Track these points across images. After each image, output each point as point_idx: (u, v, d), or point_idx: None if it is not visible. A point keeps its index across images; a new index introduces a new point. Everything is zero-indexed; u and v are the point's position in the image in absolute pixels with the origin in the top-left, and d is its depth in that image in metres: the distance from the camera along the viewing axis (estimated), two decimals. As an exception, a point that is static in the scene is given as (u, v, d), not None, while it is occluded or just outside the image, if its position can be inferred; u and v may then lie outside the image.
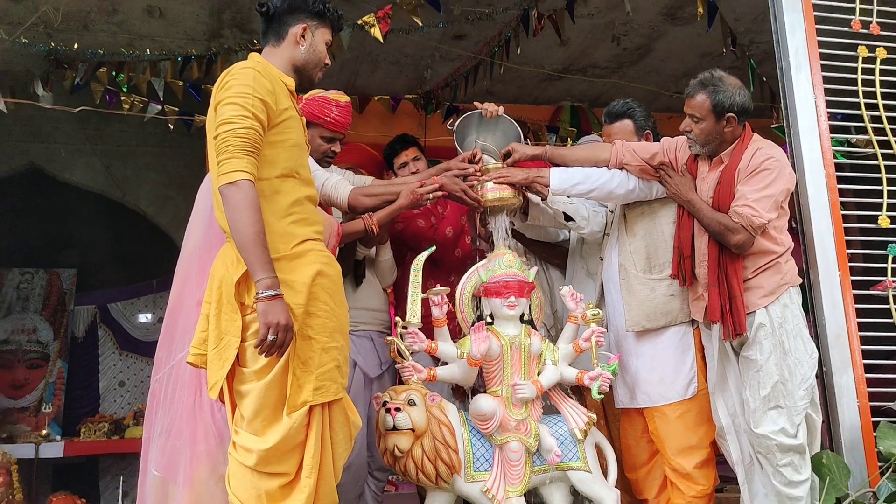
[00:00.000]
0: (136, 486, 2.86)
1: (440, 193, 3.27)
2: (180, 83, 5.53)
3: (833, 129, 3.46)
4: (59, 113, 5.44)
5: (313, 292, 2.44)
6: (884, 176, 3.45)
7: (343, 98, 3.34)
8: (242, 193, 2.32)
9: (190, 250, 2.92)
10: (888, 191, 3.44)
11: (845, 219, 3.36)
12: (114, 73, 5.46)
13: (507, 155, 3.44)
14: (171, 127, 5.63)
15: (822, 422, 3.21)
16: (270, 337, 2.26)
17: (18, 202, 7.40)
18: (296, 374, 2.38)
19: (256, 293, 2.28)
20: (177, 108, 5.56)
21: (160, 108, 5.50)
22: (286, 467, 2.38)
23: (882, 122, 3.49)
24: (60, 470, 6.90)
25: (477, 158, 3.39)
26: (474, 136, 3.54)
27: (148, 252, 7.63)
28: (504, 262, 3.17)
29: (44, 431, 6.78)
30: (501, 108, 3.53)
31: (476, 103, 3.56)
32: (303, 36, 2.66)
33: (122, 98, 5.47)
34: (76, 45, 5.29)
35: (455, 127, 3.57)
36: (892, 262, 3.37)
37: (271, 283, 2.28)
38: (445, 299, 3.09)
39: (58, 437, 6.71)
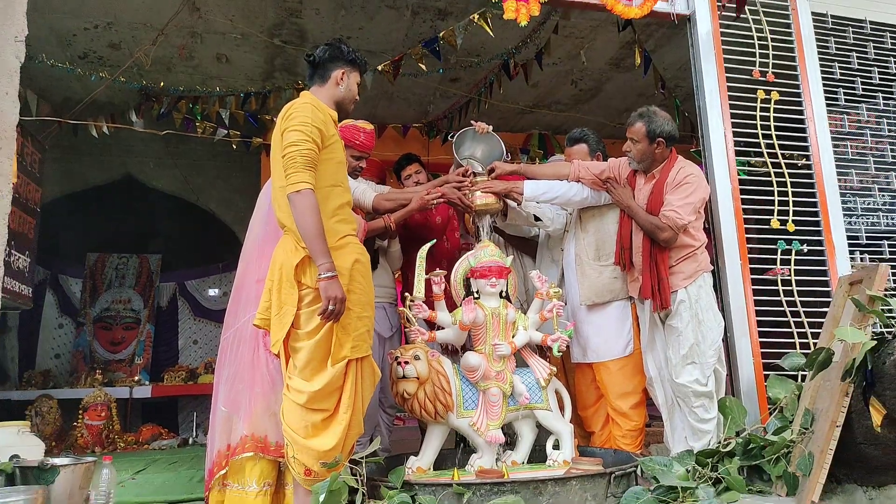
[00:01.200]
0: (207, 419, 2.87)
1: (442, 200, 3.31)
2: (242, 113, 5.52)
3: (737, 153, 3.48)
4: (149, 135, 5.42)
5: (352, 275, 2.51)
6: (775, 189, 3.47)
7: (368, 126, 3.35)
8: (307, 199, 2.37)
9: (252, 241, 2.92)
10: (778, 200, 3.46)
11: (745, 221, 3.38)
12: (190, 105, 5.44)
13: (492, 170, 3.46)
14: (234, 147, 5.62)
15: (727, 374, 3.23)
16: (330, 307, 2.33)
17: (117, 203, 7.38)
18: (338, 336, 2.44)
19: (319, 274, 2.35)
20: (238, 133, 5.54)
21: (226, 132, 5.48)
22: (328, 405, 2.43)
23: (774, 148, 3.50)
24: (148, 407, 6.91)
25: (469, 173, 3.41)
26: (468, 146, 3.57)
27: (216, 242, 7.62)
28: (488, 252, 3.18)
29: (136, 378, 6.78)
30: (490, 127, 3.55)
31: (472, 121, 3.58)
32: (341, 79, 2.67)
33: (197, 124, 5.45)
34: (161, 84, 5.28)
35: (454, 139, 3.61)
36: (780, 255, 3.40)
37: (330, 267, 2.36)
38: (443, 280, 3.11)
39: (146, 382, 6.71)
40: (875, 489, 2.63)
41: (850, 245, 3.49)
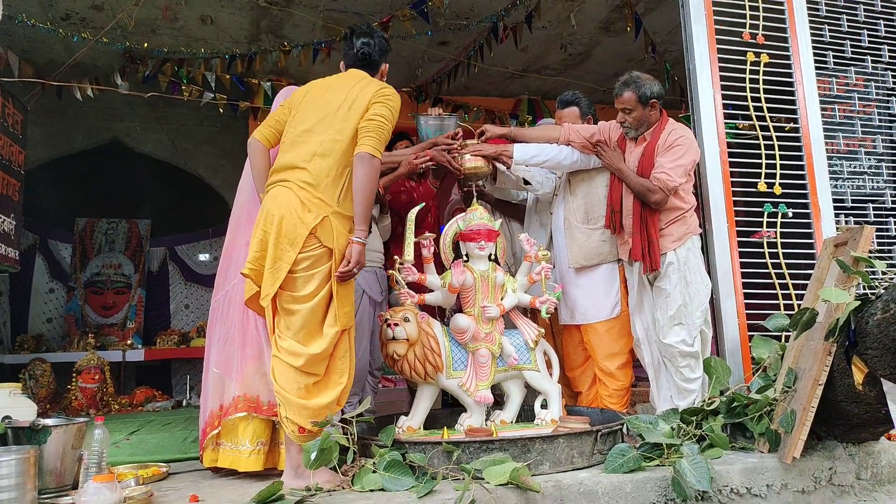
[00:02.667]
0: (200, 382, 2.86)
1: (431, 163, 3.26)
2: (227, 76, 5.39)
3: (726, 117, 3.43)
4: (134, 98, 5.30)
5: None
6: (762, 152, 3.43)
7: None
8: (377, 167, 2.49)
9: (240, 205, 2.87)
10: (765, 163, 3.43)
11: (733, 184, 3.36)
12: (176, 68, 5.32)
13: (482, 133, 3.40)
14: (221, 111, 5.52)
15: (712, 336, 3.25)
16: (354, 270, 2.42)
17: (104, 168, 7.26)
18: (340, 303, 2.44)
19: (354, 237, 2.41)
20: (225, 96, 5.43)
21: (212, 95, 5.37)
22: (319, 370, 2.42)
23: (763, 112, 3.46)
24: (142, 370, 6.90)
25: (458, 136, 3.35)
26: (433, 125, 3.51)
27: (205, 207, 7.53)
28: (477, 215, 3.14)
29: (129, 341, 6.76)
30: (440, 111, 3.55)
31: (430, 109, 3.55)
32: (385, 72, 2.81)
33: (183, 87, 5.33)
34: (146, 45, 5.14)
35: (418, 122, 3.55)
36: (766, 218, 3.38)
37: (367, 233, 2.45)
38: (432, 243, 3.07)
39: (139, 346, 6.68)
40: (855, 445, 2.67)
41: (836, 208, 3.48)
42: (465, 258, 3.09)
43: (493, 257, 3.13)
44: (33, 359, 5.81)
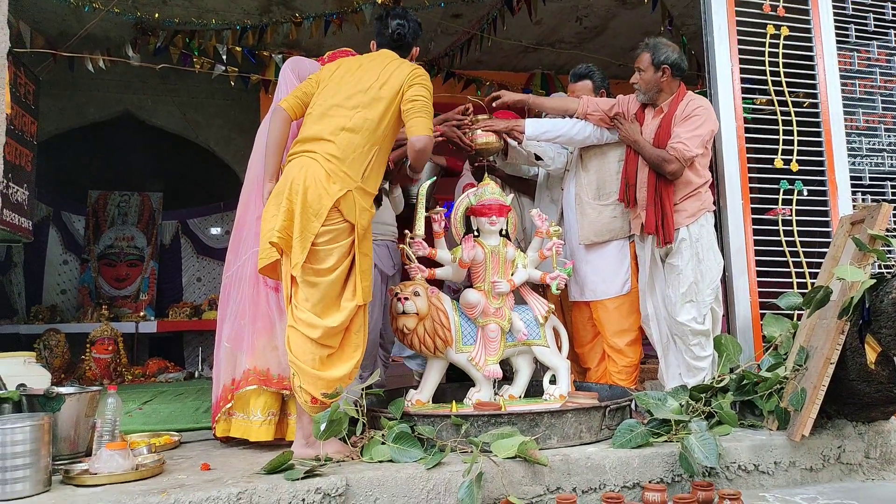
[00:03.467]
0: (212, 354, 2.89)
1: (441, 139, 3.22)
2: (239, 49, 5.35)
3: (744, 91, 3.37)
4: (146, 70, 5.29)
5: (368, 228, 2.57)
6: (780, 128, 3.38)
7: None
8: (430, 145, 2.60)
9: (250, 181, 2.87)
10: (783, 139, 3.37)
11: (749, 160, 3.31)
12: (187, 40, 5.28)
13: (497, 98, 3.37)
14: (233, 84, 5.48)
15: (723, 315, 3.23)
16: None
17: (116, 140, 7.27)
18: (360, 277, 2.47)
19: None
20: (236, 69, 5.39)
21: (224, 68, 5.34)
22: (335, 342, 2.43)
23: (782, 86, 3.40)
24: (154, 342, 6.99)
25: (469, 111, 3.31)
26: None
27: (216, 180, 7.55)
28: (489, 190, 3.11)
29: (141, 313, 6.83)
30: None
31: None
32: (416, 55, 2.84)
33: (194, 60, 5.30)
34: (157, 16, 5.10)
35: None
36: (782, 195, 3.34)
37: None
38: (443, 217, 3.06)
39: (152, 318, 6.75)
40: (865, 424, 2.66)
41: (853, 186, 3.42)
42: (475, 233, 3.08)
43: (504, 232, 3.11)
44: (48, 329, 5.88)
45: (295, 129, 2.68)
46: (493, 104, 3.34)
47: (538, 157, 3.48)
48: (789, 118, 3.37)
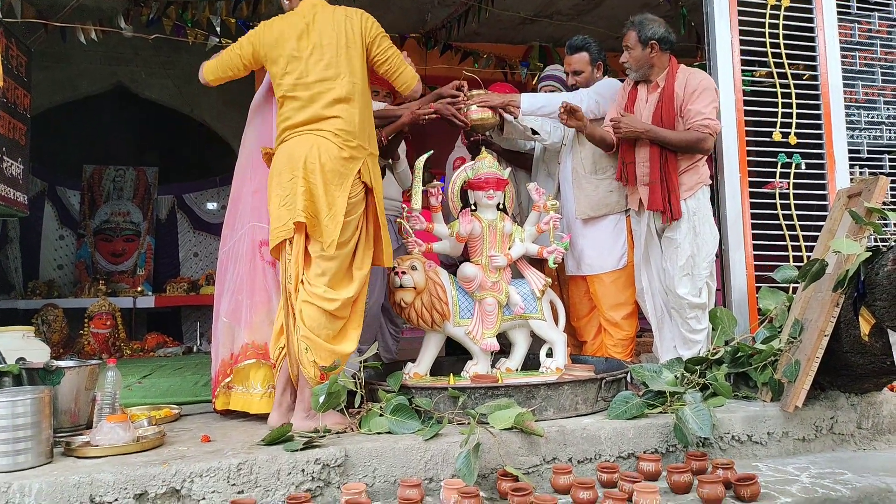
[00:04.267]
0: (209, 329, 2.90)
1: (435, 115, 3.17)
2: (233, 20, 5.27)
3: (743, 63, 3.35)
4: (139, 41, 5.20)
5: (379, 192, 2.61)
6: (779, 101, 3.36)
7: None
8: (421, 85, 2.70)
9: (246, 153, 2.85)
10: (781, 112, 3.36)
11: (747, 133, 3.30)
12: (180, 11, 5.19)
13: (488, 83, 3.34)
14: (227, 56, 5.40)
15: (719, 289, 3.24)
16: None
17: (110, 114, 7.20)
18: (388, 243, 2.59)
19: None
20: (231, 41, 5.31)
21: (218, 40, 5.25)
22: (346, 313, 2.48)
23: (781, 58, 3.37)
24: (152, 317, 7.01)
25: (464, 87, 3.27)
26: None
27: (211, 154, 7.49)
28: (486, 164, 3.10)
29: (139, 288, 6.83)
30: None
31: None
32: None
33: (188, 31, 5.22)
34: (149, -15, 5.02)
35: None
36: (780, 168, 3.33)
37: None
38: (440, 191, 3.06)
39: (149, 293, 6.75)
40: (857, 395, 2.69)
41: (851, 159, 3.42)
42: (473, 207, 3.07)
43: (501, 206, 3.11)
44: (45, 304, 5.89)
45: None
46: (485, 91, 3.30)
47: (534, 132, 3.46)
48: (788, 91, 3.35)
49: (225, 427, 2.57)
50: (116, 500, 1.90)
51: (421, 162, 3.05)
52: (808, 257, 2.87)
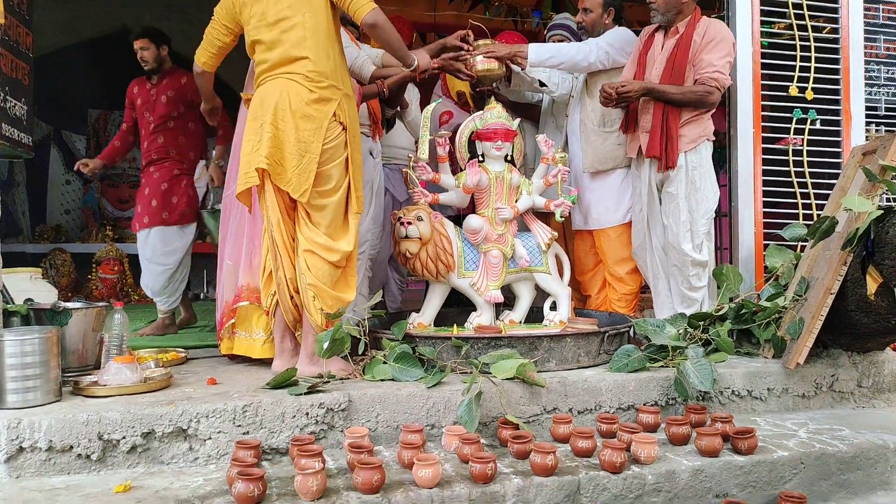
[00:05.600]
0: (216, 277, 2.91)
1: (437, 70, 3.07)
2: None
3: (762, 15, 3.25)
4: (142, -17, 5.09)
5: (355, 135, 2.50)
6: (798, 54, 3.27)
7: None
8: (383, 17, 2.42)
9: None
10: (799, 66, 3.27)
11: (763, 87, 3.22)
12: (185, -49, 5.06)
13: (498, 32, 3.24)
14: None
15: (725, 248, 3.22)
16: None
17: (115, 58, 7.07)
18: (355, 192, 2.48)
19: (413, 66, 2.64)
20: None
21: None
22: (344, 262, 2.47)
23: (802, 10, 3.27)
24: (159, 263, 7.02)
25: (469, 38, 3.17)
26: None
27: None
28: (495, 114, 3.06)
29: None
30: None
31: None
32: None
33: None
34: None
35: None
36: (795, 124, 3.27)
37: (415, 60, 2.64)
38: (447, 141, 3.02)
39: (157, 240, 6.75)
40: (860, 354, 2.70)
41: (868, 116, 3.35)
42: (480, 158, 3.04)
43: (509, 158, 3.08)
44: (53, 248, 5.92)
45: None
46: (492, 41, 3.19)
47: (542, 84, 3.39)
48: (808, 44, 3.26)
49: (230, 371, 2.60)
50: (124, 437, 1.94)
51: (429, 111, 3.00)
52: (819, 216, 2.83)
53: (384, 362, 2.41)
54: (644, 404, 2.41)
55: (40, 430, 1.88)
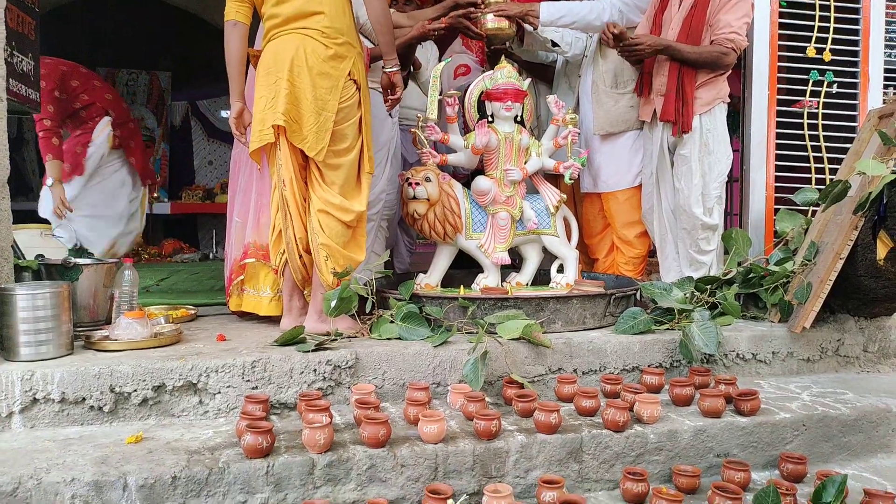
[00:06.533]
0: (225, 237, 2.92)
1: (444, 30, 3.01)
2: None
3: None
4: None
5: (366, 93, 2.48)
6: (816, 13, 3.19)
7: None
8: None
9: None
10: (818, 26, 3.19)
11: (779, 48, 3.15)
12: None
13: None
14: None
15: (735, 214, 3.19)
16: (397, 96, 2.50)
17: (122, 16, 7.01)
18: (367, 151, 2.46)
19: (389, 68, 2.47)
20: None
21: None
22: (356, 222, 2.46)
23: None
24: (169, 224, 7.08)
25: None
26: None
27: (224, 60, 7.33)
28: (505, 73, 3.01)
29: (155, 195, 6.86)
30: None
31: None
32: None
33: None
34: None
35: None
36: (811, 86, 3.20)
37: (397, 62, 2.47)
38: (456, 101, 2.98)
39: (165, 199, 6.80)
40: (867, 319, 2.70)
41: (887, 79, 3.28)
42: (490, 119, 3.01)
43: (519, 119, 3.04)
44: (64, 207, 5.93)
45: None
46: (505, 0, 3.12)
47: (555, 44, 3.33)
48: (827, 3, 3.17)
49: (240, 328, 2.64)
50: (135, 390, 1.98)
51: (438, 70, 2.96)
52: (831, 181, 2.80)
53: (391, 321, 2.43)
54: (648, 366, 2.43)
55: (53, 382, 1.92)
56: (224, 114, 7.50)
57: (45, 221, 5.44)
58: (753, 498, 1.67)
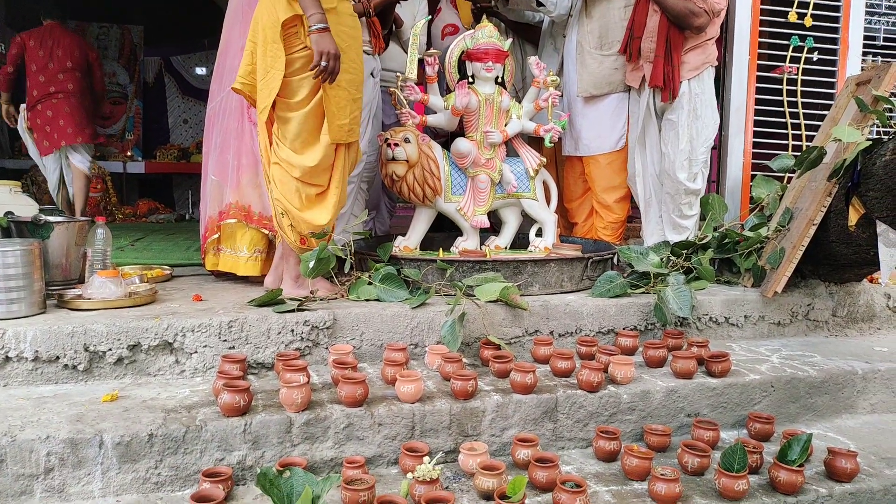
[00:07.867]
0: (200, 196, 2.87)
1: None
2: None
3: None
4: None
5: (344, 50, 2.28)
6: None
7: None
8: None
9: (233, 9, 2.70)
10: (801, -9, 3.19)
11: (761, 12, 3.14)
12: None
13: None
14: None
15: (713, 181, 3.21)
16: (323, 63, 2.17)
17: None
18: (332, 115, 2.31)
19: (310, 26, 2.17)
20: None
21: None
22: (322, 181, 2.37)
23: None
24: (144, 183, 6.96)
25: None
26: None
27: (200, 16, 7.12)
28: (486, 33, 2.96)
29: (129, 153, 6.73)
30: None
31: None
32: None
33: None
34: None
35: None
36: (791, 52, 3.20)
37: (321, 18, 2.17)
38: (437, 61, 2.94)
39: (139, 159, 6.66)
40: (837, 285, 2.75)
41: (866, 46, 3.29)
42: (470, 79, 2.97)
43: (500, 80, 3.01)
44: (34, 165, 5.80)
45: None
46: None
47: (540, 3, 3.28)
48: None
49: (216, 288, 2.62)
50: (110, 349, 1.96)
51: (418, 28, 2.91)
52: (808, 147, 2.83)
53: (369, 283, 2.43)
54: (624, 329, 2.47)
55: (26, 340, 1.90)
56: (199, 70, 7.31)
57: (15, 178, 5.33)
58: (721, 455, 1.72)
